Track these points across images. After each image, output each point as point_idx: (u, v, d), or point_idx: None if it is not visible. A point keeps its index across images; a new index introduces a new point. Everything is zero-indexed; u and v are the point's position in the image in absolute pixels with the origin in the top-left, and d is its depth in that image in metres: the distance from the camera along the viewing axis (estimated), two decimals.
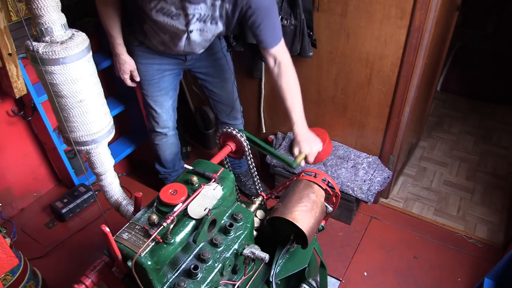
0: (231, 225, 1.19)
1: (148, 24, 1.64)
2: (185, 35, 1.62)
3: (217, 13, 1.54)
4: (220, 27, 1.61)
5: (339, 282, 1.95)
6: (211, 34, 1.65)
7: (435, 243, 2.13)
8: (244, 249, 1.19)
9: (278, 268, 1.32)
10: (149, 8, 1.52)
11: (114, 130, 1.35)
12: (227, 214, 1.22)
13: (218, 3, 1.49)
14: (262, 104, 2.39)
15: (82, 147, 1.28)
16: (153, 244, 1.03)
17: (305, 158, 1.57)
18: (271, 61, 1.62)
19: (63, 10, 1.10)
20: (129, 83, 1.90)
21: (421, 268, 2.01)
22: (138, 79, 1.89)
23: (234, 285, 1.21)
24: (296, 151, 1.57)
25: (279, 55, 1.59)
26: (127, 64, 1.83)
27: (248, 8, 1.48)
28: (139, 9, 1.57)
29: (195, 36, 1.63)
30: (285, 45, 1.62)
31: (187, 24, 1.56)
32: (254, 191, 2.28)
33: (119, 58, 1.82)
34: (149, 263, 1.01)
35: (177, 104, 2.09)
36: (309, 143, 1.57)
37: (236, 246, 1.18)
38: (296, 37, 1.92)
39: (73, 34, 1.13)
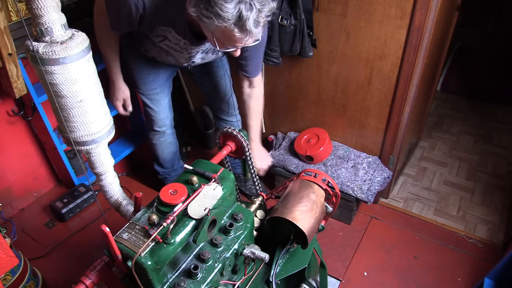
0: (231, 225, 1.19)
1: (151, 45, 1.66)
2: (187, 63, 1.71)
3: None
4: (220, 54, 1.74)
5: (339, 282, 1.95)
6: (211, 59, 1.77)
7: (435, 243, 2.13)
8: (244, 249, 1.19)
9: (278, 268, 1.32)
10: (154, 38, 1.56)
11: (114, 130, 1.35)
12: (227, 214, 1.22)
13: None
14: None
15: (82, 147, 1.28)
16: (153, 244, 1.03)
17: (258, 171, 1.76)
18: (246, 84, 1.78)
19: (63, 10, 1.10)
20: (121, 111, 1.93)
21: (421, 268, 2.01)
22: (130, 108, 1.94)
23: (234, 285, 1.21)
24: (257, 166, 1.76)
25: (256, 82, 1.77)
26: (121, 92, 1.87)
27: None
28: (143, 34, 1.60)
29: (196, 62, 1.73)
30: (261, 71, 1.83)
31: (190, 57, 1.65)
32: (254, 191, 2.28)
33: (114, 85, 1.85)
34: (149, 263, 1.01)
35: (177, 104, 2.09)
36: (261, 160, 1.86)
37: (236, 246, 1.18)
38: (296, 37, 1.92)
39: (73, 34, 1.13)
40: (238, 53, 1.36)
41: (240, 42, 1.24)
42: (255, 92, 1.80)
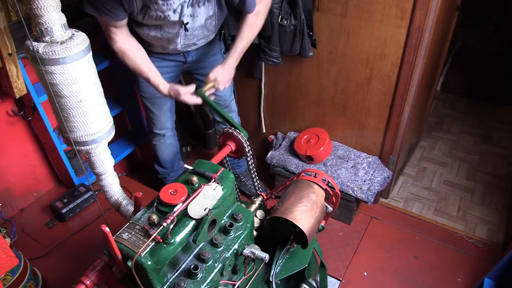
0: (231, 225, 1.19)
1: (145, 39, 1.66)
2: (182, 29, 1.62)
3: None
4: (210, 7, 1.59)
5: (339, 282, 1.95)
6: (203, 17, 1.61)
7: (435, 243, 2.13)
8: (244, 249, 1.19)
9: (278, 268, 1.32)
10: (143, 27, 1.55)
11: (114, 130, 1.35)
12: (227, 214, 1.22)
13: None
14: (262, 104, 2.39)
15: (82, 147, 1.28)
16: (153, 244, 1.03)
17: (214, 87, 1.68)
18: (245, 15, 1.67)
19: (63, 10, 1.10)
20: (194, 100, 1.68)
21: (421, 268, 2.01)
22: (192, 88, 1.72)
23: (234, 285, 1.21)
24: (212, 75, 1.67)
25: (260, 9, 1.66)
26: (175, 89, 1.67)
27: None
28: (134, 32, 1.60)
29: (189, 25, 1.61)
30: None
31: (180, 15, 1.54)
32: (254, 191, 2.28)
33: (166, 89, 1.68)
34: (149, 263, 1.01)
35: (177, 105, 2.09)
36: (225, 75, 1.70)
37: (236, 246, 1.18)
38: (296, 37, 1.92)
39: (73, 34, 1.13)
40: None
41: None
42: (253, 21, 1.67)
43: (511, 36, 3.82)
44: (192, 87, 1.65)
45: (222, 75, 1.69)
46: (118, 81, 2.44)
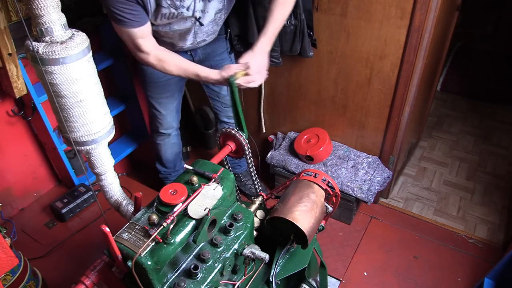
0: (231, 225, 1.19)
1: (163, 33, 1.63)
2: (195, 25, 1.59)
3: None
4: (220, 0, 1.56)
5: (339, 282, 1.95)
6: (213, 11, 1.58)
7: (435, 243, 2.13)
8: (244, 249, 1.19)
9: (278, 268, 1.32)
10: (156, 26, 1.53)
11: (114, 130, 1.35)
12: (227, 214, 1.22)
13: None
14: (262, 104, 2.39)
15: (82, 147, 1.28)
16: (153, 244, 1.03)
17: (245, 75, 1.49)
18: None
19: (63, 10, 1.10)
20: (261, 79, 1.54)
21: (421, 268, 2.01)
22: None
23: (234, 285, 1.21)
24: (242, 59, 1.50)
25: None
26: (230, 66, 1.52)
27: None
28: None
29: (202, 20, 1.59)
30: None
31: (193, 15, 1.53)
32: (254, 191, 2.28)
33: (224, 73, 1.51)
34: (149, 263, 1.01)
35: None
36: (258, 60, 1.51)
37: (236, 246, 1.18)
38: (296, 37, 1.92)
39: (73, 34, 1.14)
40: None
41: None
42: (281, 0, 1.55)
43: (511, 36, 3.82)
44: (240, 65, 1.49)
45: (254, 60, 1.49)
46: (118, 81, 2.44)
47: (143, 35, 1.48)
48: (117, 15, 1.39)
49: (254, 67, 1.48)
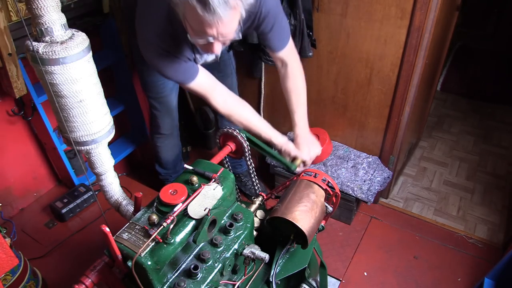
0: (231, 225, 1.19)
1: None
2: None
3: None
4: (226, 48, 1.67)
5: (339, 282, 1.95)
6: (224, 48, 1.69)
7: (435, 243, 2.13)
8: (244, 249, 1.19)
9: (278, 268, 1.32)
10: None
11: (114, 130, 1.35)
12: (227, 214, 1.22)
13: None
14: (262, 104, 2.39)
15: (82, 147, 1.28)
16: (153, 244, 1.03)
17: (303, 162, 1.60)
18: (278, 63, 1.63)
19: (63, 10, 1.10)
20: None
21: (421, 268, 2.01)
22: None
23: (234, 285, 1.21)
24: (305, 156, 1.59)
25: (286, 57, 1.60)
26: (291, 151, 1.59)
27: (259, 16, 1.44)
28: None
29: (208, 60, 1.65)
30: (294, 45, 1.61)
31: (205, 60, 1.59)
32: (254, 191, 2.28)
33: (283, 148, 1.61)
34: (149, 263, 1.01)
35: (177, 104, 2.09)
36: (308, 147, 1.59)
37: (236, 246, 1.18)
38: (295, 37, 1.92)
39: (73, 34, 1.14)
40: (216, 49, 1.23)
41: (210, 27, 1.14)
42: (289, 70, 1.62)
43: (511, 36, 3.82)
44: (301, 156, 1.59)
45: (308, 150, 1.59)
46: (118, 81, 2.44)
47: (206, 82, 1.50)
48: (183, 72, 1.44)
49: (305, 157, 1.59)
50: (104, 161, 1.36)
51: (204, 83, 1.52)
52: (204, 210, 1.09)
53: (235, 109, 1.58)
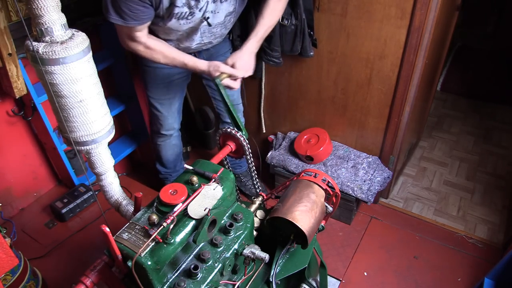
0: (231, 225, 1.19)
1: (160, 36, 1.63)
2: (203, 24, 1.60)
3: None
4: (232, 2, 1.58)
5: (339, 282, 1.95)
6: (223, 14, 1.60)
7: (435, 243, 2.13)
8: (244, 249, 1.19)
9: (278, 268, 1.32)
10: (163, 22, 1.52)
11: (114, 130, 1.35)
12: (227, 214, 1.22)
13: None
14: (262, 104, 2.39)
15: (82, 147, 1.28)
16: (153, 244, 1.03)
17: (230, 77, 1.55)
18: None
19: (63, 10, 1.10)
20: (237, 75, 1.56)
21: (421, 268, 2.01)
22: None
23: (234, 285, 1.21)
24: (230, 60, 1.56)
25: None
26: (219, 64, 1.55)
27: None
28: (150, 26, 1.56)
29: (210, 20, 1.59)
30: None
31: (203, 15, 1.54)
32: (254, 191, 2.28)
33: (211, 68, 1.56)
34: (149, 263, 1.01)
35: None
36: (242, 64, 1.56)
37: (236, 246, 1.18)
38: (297, 37, 1.92)
39: (73, 34, 1.13)
40: None
41: None
42: (272, 3, 1.61)
43: (511, 36, 3.82)
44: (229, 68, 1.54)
45: (241, 60, 1.56)
46: (118, 81, 2.44)
47: (140, 29, 1.50)
48: (124, 13, 1.39)
49: (240, 67, 1.55)
50: (104, 161, 1.36)
51: (146, 25, 1.49)
52: (204, 210, 1.09)
53: (156, 45, 1.56)
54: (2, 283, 1.61)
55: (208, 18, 1.57)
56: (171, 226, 1.04)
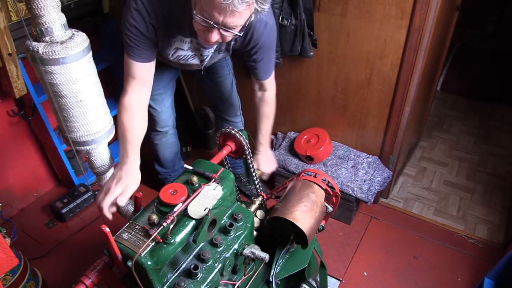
0: (231, 225, 1.19)
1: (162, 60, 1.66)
2: (197, 63, 1.67)
3: (225, 46, 1.59)
4: (226, 54, 1.69)
5: (339, 282, 1.95)
6: (217, 59, 1.74)
7: (435, 243, 2.13)
8: (244, 249, 1.19)
9: (278, 268, 1.32)
10: (166, 54, 1.55)
11: (114, 130, 1.35)
12: (227, 214, 1.22)
13: (231, 42, 1.53)
14: None
15: (82, 147, 1.28)
16: (153, 244, 1.03)
17: (261, 175, 1.75)
18: (257, 87, 1.74)
19: (63, 10, 1.10)
20: (108, 214, 1.24)
21: (421, 268, 2.01)
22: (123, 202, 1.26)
23: (234, 285, 1.21)
24: (256, 165, 1.72)
25: (267, 85, 1.72)
26: (132, 178, 1.29)
27: (255, 45, 1.51)
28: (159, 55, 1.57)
29: (205, 63, 1.68)
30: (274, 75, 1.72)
31: (202, 60, 1.63)
32: (254, 191, 2.28)
33: (125, 167, 1.29)
34: (149, 263, 1.01)
35: (177, 104, 2.09)
36: (267, 164, 1.79)
37: (236, 246, 1.18)
38: (296, 37, 1.92)
39: (73, 34, 1.13)
40: (212, 38, 1.20)
41: (219, 12, 1.12)
42: (266, 96, 1.77)
43: (511, 36, 3.82)
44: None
45: (263, 163, 1.77)
46: (118, 81, 2.44)
47: (138, 75, 1.42)
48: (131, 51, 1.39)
49: (266, 169, 1.76)
50: (104, 161, 1.36)
51: (141, 73, 1.43)
52: (204, 210, 1.09)
53: (130, 113, 1.38)
54: (2, 283, 1.61)
55: (203, 61, 1.65)
56: (171, 226, 1.04)
